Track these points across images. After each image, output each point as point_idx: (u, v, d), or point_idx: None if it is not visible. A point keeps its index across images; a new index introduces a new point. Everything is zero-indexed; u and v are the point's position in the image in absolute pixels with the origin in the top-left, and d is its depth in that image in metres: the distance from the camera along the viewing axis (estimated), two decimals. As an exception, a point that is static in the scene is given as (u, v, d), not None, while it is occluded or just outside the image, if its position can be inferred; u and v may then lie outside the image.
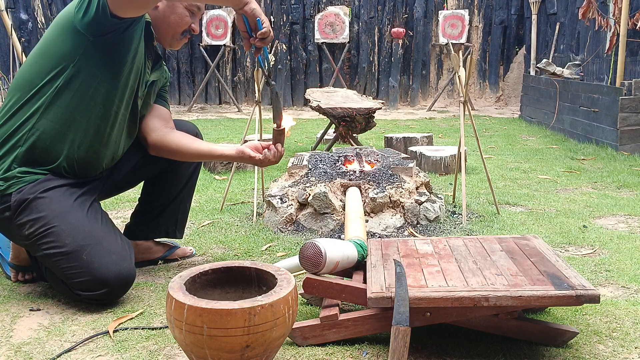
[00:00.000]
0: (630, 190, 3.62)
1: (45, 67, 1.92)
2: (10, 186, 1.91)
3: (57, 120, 1.93)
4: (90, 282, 1.88)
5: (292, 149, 5.15)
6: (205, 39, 8.31)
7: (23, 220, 1.90)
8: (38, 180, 1.93)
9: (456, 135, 5.78)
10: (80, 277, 1.88)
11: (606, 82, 5.79)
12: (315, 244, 1.73)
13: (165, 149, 2.18)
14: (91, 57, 1.90)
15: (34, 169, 1.94)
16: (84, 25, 1.86)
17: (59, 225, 1.89)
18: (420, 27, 8.63)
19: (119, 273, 1.91)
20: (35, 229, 1.89)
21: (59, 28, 1.93)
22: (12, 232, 1.98)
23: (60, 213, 1.91)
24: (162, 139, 2.18)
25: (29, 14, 7.82)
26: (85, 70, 1.91)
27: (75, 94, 1.92)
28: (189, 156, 2.21)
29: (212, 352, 1.33)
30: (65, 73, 1.90)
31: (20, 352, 1.65)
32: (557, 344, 1.66)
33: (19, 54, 4.79)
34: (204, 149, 2.17)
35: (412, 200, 2.79)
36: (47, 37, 1.96)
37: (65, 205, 1.93)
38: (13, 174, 1.92)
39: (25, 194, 1.90)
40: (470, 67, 2.87)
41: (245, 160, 2.15)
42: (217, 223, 2.92)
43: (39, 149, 1.93)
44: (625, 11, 4.95)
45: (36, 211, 1.90)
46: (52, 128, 1.93)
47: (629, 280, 2.15)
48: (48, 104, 1.92)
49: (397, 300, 1.49)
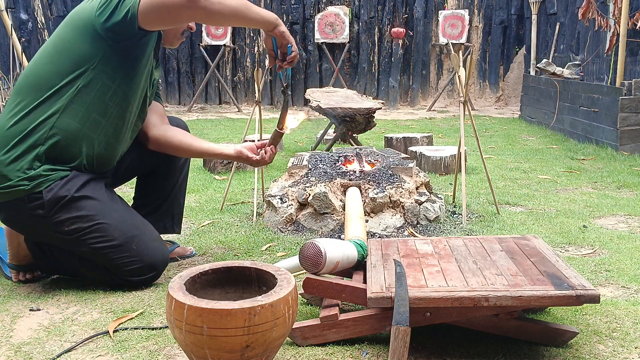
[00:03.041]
0: (630, 190, 3.62)
1: (64, 68, 1.95)
2: (37, 185, 1.94)
3: (78, 119, 1.98)
4: (142, 268, 2.06)
5: (292, 149, 5.15)
6: (205, 39, 8.31)
7: (62, 217, 1.97)
8: (66, 178, 1.98)
9: (456, 135, 5.78)
10: (132, 265, 2.04)
11: (606, 82, 5.79)
12: (315, 244, 1.73)
13: (166, 144, 2.26)
14: (110, 61, 1.96)
15: (56, 166, 1.98)
16: (105, 30, 1.91)
17: (104, 221, 2.01)
18: (420, 27, 8.63)
19: (163, 257, 2.12)
20: (78, 226, 1.98)
21: (77, 28, 1.96)
22: (44, 229, 2.01)
23: (102, 209, 2.03)
24: (164, 136, 2.26)
25: (29, 14, 7.82)
26: (104, 73, 1.97)
27: (96, 95, 1.98)
28: (190, 154, 2.32)
29: (212, 352, 1.33)
30: (85, 74, 1.95)
31: (20, 352, 1.65)
32: (557, 344, 1.66)
33: (19, 54, 4.79)
34: (204, 148, 2.28)
35: (412, 200, 2.79)
36: (64, 36, 1.99)
37: (104, 201, 2.05)
38: (38, 172, 1.94)
39: (58, 192, 1.95)
40: (470, 67, 2.87)
41: (242, 160, 2.27)
42: (217, 223, 2.92)
43: (61, 147, 1.97)
44: (625, 11, 4.95)
45: (76, 209, 1.98)
46: (74, 127, 1.97)
47: (629, 280, 2.15)
48: (68, 103, 1.96)
49: (397, 300, 1.49)
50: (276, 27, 1.96)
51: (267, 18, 1.95)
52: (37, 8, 7.85)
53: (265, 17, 1.95)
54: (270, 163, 2.25)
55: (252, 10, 1.92)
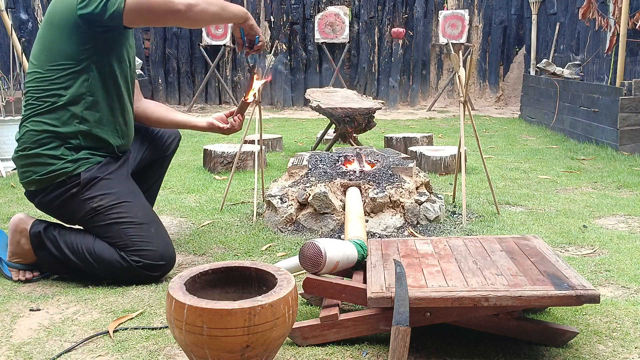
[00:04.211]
0: (630, 190, 3.62)
1: (67, 67, 2.10)
2: (79, 167, 2.13)
3: (98, 107, 2.16)
4: (154, 253, 2.13)
5: (292, 149, 5.15)
6: (205, 39, 8.31)
7: (91, 195, 2.14)
8: (102, 162, 2.19)
9: (456, 135, 5.78)
10: (146, 247, 2.13)
11: (606, 82, 5.79)
12: (315, 244, 1.73)
13: (146, 118, 2.49)
14: (102, 50, 2.12)
15: (94, 152, 2.18)
16: (87, 23, 2.04)
17: (130, 200, 2.19)
18: (420, 27, 8.63)
19: (172, 255, 2.21)
20: (106, 202, 2.14)
21: (62, 28, 2.08)
22: (72, 208, 2.16)
23: (129, 192, 2.22)
24: (144, 111, 2.48)
25: (29, 14, 7.82)
26: (102, 62, 2.13)
27: (103, 82, 2.16)
28: (166, 125, 2.54)
29: (212, 352, 1.33)
30: (87, 67, 2.11)
31: (20, 352, 1.65)
32: (557, 344, 1.66)
33: (19, 54, 4.78)
34: (179, 119, 2.54)
35: (412, 200, 2.79)
36: (51, 39, 2.10)
37: (131, 187, 2.26)
38: (79, 156, 2.14)
39: (94, 172, 2.15)
40: (470, 67, 2.87)
41: (214, 130, 2.50)
42: (217, 223, 2.92)
43: (92, 134, 2.16)
44: (625, 11, 4.95)
45: (106, 188, 2.16)
46: (96, 115, 2.16)
47: (629, 280, 2.15)
48: (84, 95, 2.13)
49: (397, 300, 1.49)
50: (246, 21, 2.21)
51: (239, 14, 2.19)
52: (37, 8, 7.83)
53: (238, 13, 2.19)
54: (240, 130, 2.53)
55: (227, 10, 2.15)
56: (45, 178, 2.12)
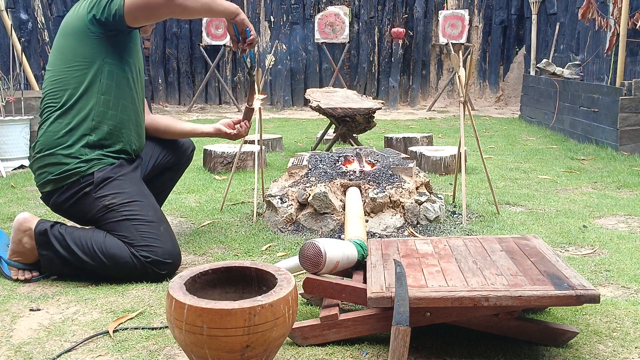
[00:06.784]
0: (630, 190, 3.62)
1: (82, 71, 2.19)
2: (92, 166, 2.20)
3: (112, 107, 2.24)
4: (162, 250, 2.17)
5: (292, 149, 5.15)
6: (205, 39, 8.31)
7: (104, 193, 2.19)
8: (115, 164, 2.25)
9: (456, 135, 5.78)
10: (155, 243, 2.17)
11: (606, 82, 5.79)
12: (315, 244, 1.73)
13: (155, 129, 2.57)
14: (114, 53, 2.22)
15: (106, 153, 2.24)
16: (98, 27, 2.16)
17: (142, 200, 2.25)
18: (420, 27, 8.63)
19: (179, 254, 2.26)
20: (118, 199, 2.20)
21: (75, 35, 2.20)
22: (84, 207, 2.21)
23: (141, 193, 2.28)
24: (152, 123, 2.56)
25: (29, 14, 7.81)
26: (114, 64, 2.23)
27: (116, 84, 2.24)
28: (175, 134, 2.62)
29: (212, 352, 1.33)
30: (100, 70, 2.20)
31: (20, 352, 1.65)
32: (557, 344, 1.66)
33: (18, 54, 4.79)
34: (187, 128, 2.64)
35: (412, 200, 2.79)
36: (67, 45, 2.22)
37: (142, 189, 2.31)
38: (92, 156, 2.21)
39: (108, 172, 2.22)
40: (470, 67, 2.87)
41: (221, 136, 2.63)
42: (217, 223, 2.92)
43: (106, 133, 2.24)
44: (625, 11, 4.95)
45: (118, 187, 2.22)
46: (110, 115, 2.24)
47: (629, 280, 2.15)
48: (99, 95, 2.21)
49: (397, 300, 1.49)
50: (237, 16, 2.26)
51: (230, 9, 2.25)
52: (37, 8, 7.84)
53: (229, 8, 2.24)
54: (246, 135, 2.66)
55: (218, 3, 2.21)
56: (59, 178, 2.19)
